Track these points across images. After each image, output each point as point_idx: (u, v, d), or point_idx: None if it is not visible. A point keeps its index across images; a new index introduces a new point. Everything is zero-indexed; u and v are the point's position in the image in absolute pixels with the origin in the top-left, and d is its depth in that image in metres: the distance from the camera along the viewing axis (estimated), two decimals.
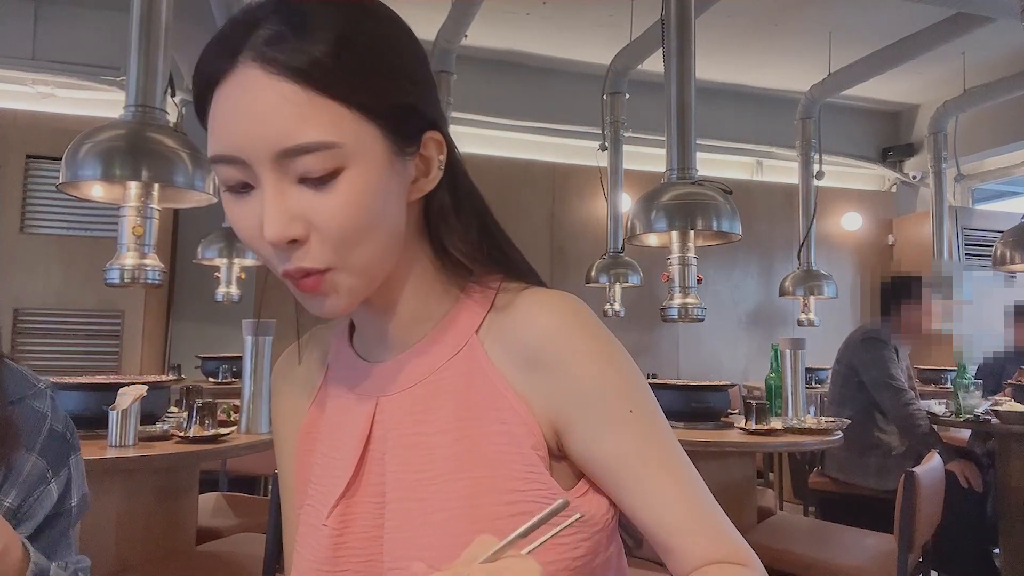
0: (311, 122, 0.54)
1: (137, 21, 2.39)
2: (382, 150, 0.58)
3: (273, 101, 0.54)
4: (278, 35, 0.55)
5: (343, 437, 0.68)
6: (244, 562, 2.09)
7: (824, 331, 5.43)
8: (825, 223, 6.17)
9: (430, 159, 0.63)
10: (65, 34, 4.78)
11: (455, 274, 0.67)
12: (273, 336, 2.48)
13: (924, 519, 2.13)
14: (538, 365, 0.62)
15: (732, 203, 2.76)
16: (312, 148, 0.54)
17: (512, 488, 0.60)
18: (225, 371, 4.08)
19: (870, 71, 5.14)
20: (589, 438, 0.62)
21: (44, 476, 0.80)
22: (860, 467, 3.19)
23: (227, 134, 0.56)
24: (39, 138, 4.49)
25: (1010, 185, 7.11)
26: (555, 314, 0.63)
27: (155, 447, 2.05)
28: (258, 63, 0.54)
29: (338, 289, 0.59)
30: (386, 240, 0.60)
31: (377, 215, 0.58)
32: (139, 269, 2.25)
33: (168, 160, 2.22)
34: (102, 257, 2.37)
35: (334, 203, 0.56)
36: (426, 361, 0.65)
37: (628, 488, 0.61)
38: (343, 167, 0.56)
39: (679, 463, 0.63)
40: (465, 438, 0.62)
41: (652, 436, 0.62)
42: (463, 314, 0.66)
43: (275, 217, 0.55)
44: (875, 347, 3.22)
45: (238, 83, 0.55)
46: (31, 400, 0.82)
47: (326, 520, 0.65)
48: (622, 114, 4.82)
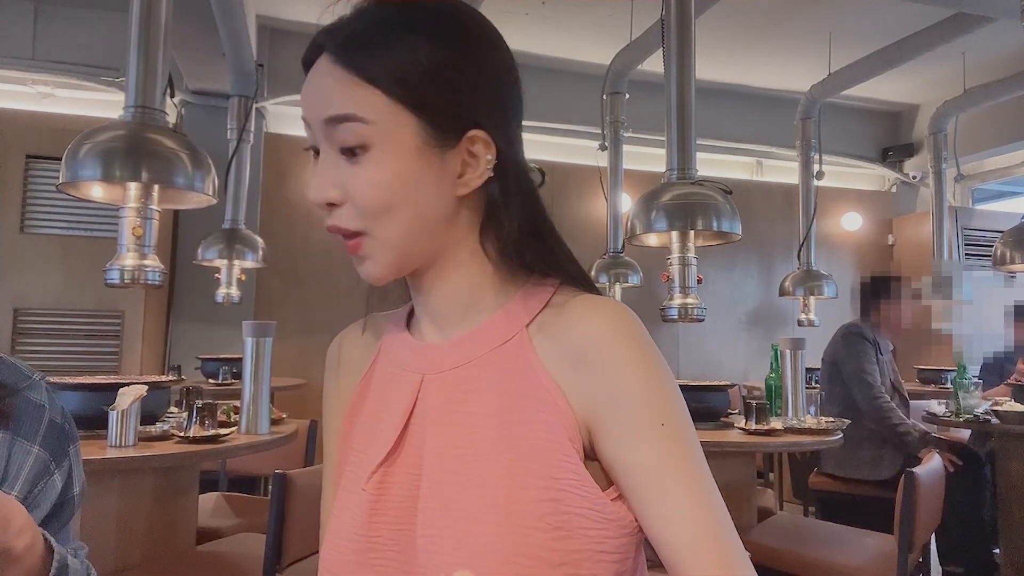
0: (349, 98, 0.64)
1: (136, 21, 2.39)
2: (413, 139, 0.65)
3: (329, 81, 0.66)
4: (351, 35, 0.66)
5: (387, 408, 0.72)
6: (244, 562, 2.09)
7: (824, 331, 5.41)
8: (825, 223, 6.16)
9: (478, 156, 0.67)
10: (65, 34, 4.78)
11: (514, 271, 0.71)
12: (273, 338, 2.48)
13: (924, 519, 2.13)
14: (583, 365, 0.65)
15: (732, 203, 2.76)
16: (343, 119, 0.64)
17: (548, 474, 0.62)
18: (225, 372, 4.08)
19: (870, 71, 5.14)
20: (618, 443, 0.63)
21: (47, 467, 0.80)
22: (854, 460, 3.22)
23: (304, 104, 0.69)
24: (39, 138, 4.49)
25: (1010, 185, 7.10)
26: (606, 320, 0.66)
27: (155, 447, 2.05)
28: (330, 54, 0.66)
29: (372, 256, 0.67)
30: (417, 223, 0.66)
31: (402, 197, 0.65)
32: (139, 270, 2.25)
33: (168, 161, 2.22)
34: (102, 257, 2.37)
35: (362, 177, 0.65)
36: (475, 346, 0.69)
37: (647, 499, 0.62)
38: (371, 145, 0.64)
39: (702, 484, 0.63)
40: (506, 421, 0.65)
41: (679, 452, 0.63)
42: (517, 308, 0.70)
43: (319, 182, 0.67)
44: (853, 341, 3.31)
45: (316, 68, 0.68)
46: (27, 392, 0.82)
47: (365, 485, 0.68)
48: (622, 114, 4.82)
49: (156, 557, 2.13)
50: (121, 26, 2.51)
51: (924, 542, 2.20)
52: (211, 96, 4.89)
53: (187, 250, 4.63)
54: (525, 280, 0.71)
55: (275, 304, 5.10)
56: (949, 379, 4.37)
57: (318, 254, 5.27)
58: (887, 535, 2.39)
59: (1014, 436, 3.11)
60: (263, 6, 4.93)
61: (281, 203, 5.26)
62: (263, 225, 5.06)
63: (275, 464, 2.32)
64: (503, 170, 0.69)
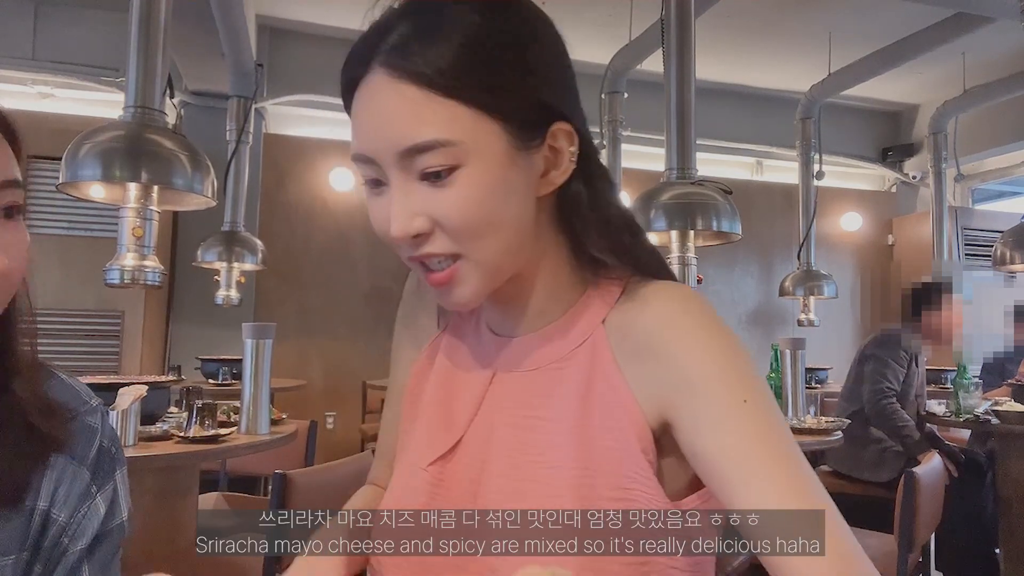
0: (428, 122, 0.57)
1: (136, 22, 2.39)
2: (502, 145, 0.59)
3: (394, 104, 0.58)
4: (403, 40, 0.58)
5: (455, 394, 0.70)
6: (244, 562, 2.09)
7: (824, 331, 5.43)
8: (825, 223, 6.16)
9: (560, 151, 0.63)
10: (65, 34, 4.78)
11: (587, 267, 0.67)
12: (273, 339, 2.48)
13: (924, 519, 2.13)
14: (650, 352, 0.61)
15: (732, 203, 2.76)
16: (428, 147, 0.57)
17: (619, 485, 0.60)
18: (225, 373, 4.08)
19: (870, 71, 5.14)
20: (698, 429, 0.59)
21: (89, 491, 0.78)
22: (857, 460, 3.24)
23: (360, 135, 0.60)
24: (39, 138, 4.47)
25: (1010, 185, 7.10)
26: (670, 302, 0.63)
27: (155, 447, 2.05)
28: (384, 68, 0.58)
29: (466, 279, 0.61)
30: (511, 234, 0.61)
31: (498, 210, 0.59)
32: (139, 270, 2.25)
33: (167, 162, 2.22)
34: (102, 257, 2.37)
35: (454, 199, 0.58)
36: (551, 348, 0.66)
37: (736, 487, 0.56)
38: (461, 164, 0.58)
39: (798, 461, 0.58)
40: (580, 428, 0.62)
41: (768, 428, 0.58)
42: (591, 305, 0.67)
43: (399, 215, 0.59)
44: (884, 345, 3.28)
45: (368, 88, 0.59)
46: (84, 416, 0.81)
47: (427, 466, 0.67)
48: (620, 113, 4.82)
49: (156, 557, 2.12)
50: (121, 26, 2.52)
51: (924, 542, 2.20)
52: (210, 97, 4.89)
53: (187, 252, 4.63)
54: (598, 271, 0.67)
55: (274, 305, 5.10)
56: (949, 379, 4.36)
57: (318, 256, 5.27)
58: (887, 535, 2.39)
59: (1014, 436, 3.10)
60: (263, 5, 4.92)
61: (280, 204, 5.25)
62: (262, 226, 5.06)
63: (275, 464, 2.32)
64: (584, 160, 0.65)
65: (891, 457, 3.20)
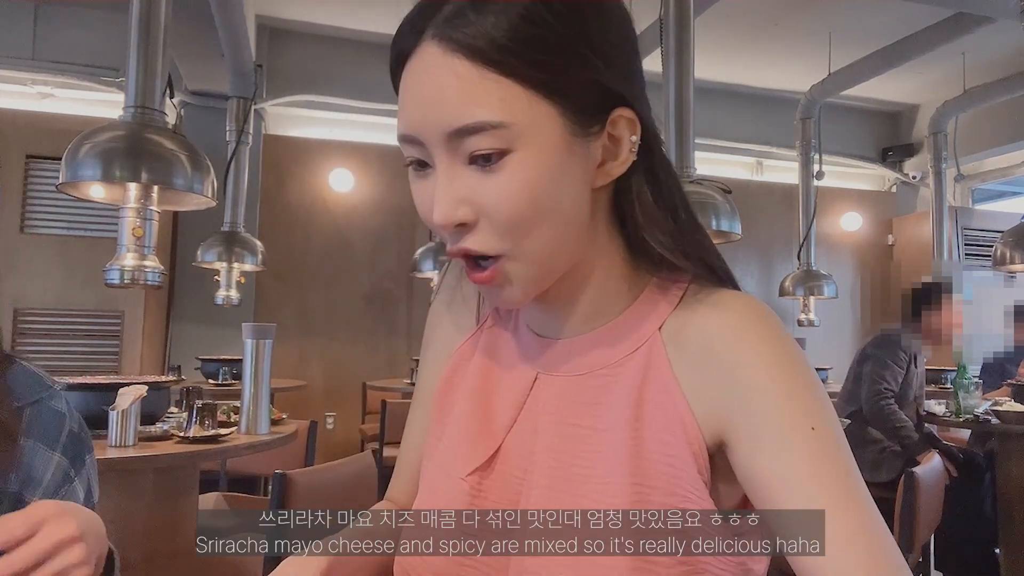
0: (480, 101, 0.52)
1: (136, 22, 2.39)
2: (559, 130, 0.54)
3: (445, 80, 0.53)
4: (459, 12, 0.53)
5: (495, 397, 0.66)
6: (244, 562, 2.09)
7: (824, 331, 5.43)
8: (825, 223, 6.17)
9: (620, 139, 0.58)
10: (65, 34, 4.78)
11: (644, 268, 0.62)
12: (273, 340, 2.48)
13: (924, 519, 2.13)
14: (710, 364, 0.57)
15: (732, 203, 2.76)
16: (479, 128, 0.52)
17: (674, 504, 0.55)
18: (225, 373, 4.08)
19: (870, 71, 5.14)
20: (759, 450, 0.54)
21: (68, 475, 0.80)
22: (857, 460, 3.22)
23: (406, 114, 0.56)
24: (39, 138, 4.49)
25: (1010, 185, 7.10)
26: (736, 314, 0.58)
27: (155, 447, 2.05)
28: (437, 41, 0.53)
29: (512, 280, 0.57)
30: (563, 229, 0.56)
31: (551, 202, 0.55)
32: (139, 270, 2.26)
33: (167, 162, 2.22)
34: (102, 257, 2.37)
35: (503, 187, 0.54)
36: (603, 352, 0.61)
37: (796, 515, 0.53)
38: (512, 148, 0.53)
39: (863, 497, 0.54)
40: (634, 440, 0.57)
41: (833, 460, 0.54)
42: (649, 308, 0.62)
43: (443, 200, 0.54)
44: (883, 346, 3.27)
45: (419, 61, 0.54)
46: (48, 401, 0.82)
47: (465, 476, 0.62)
48: None
49: (156, 557, 2.13)
50: (121, 26, 2.52)
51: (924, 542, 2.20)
52: (210, 97, 4.89)
53: (187, 252, 4.64)
54: (655, 272, 0.62)
55: (274, 306, 5.10)
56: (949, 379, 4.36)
57: (318, 257, 5.27)
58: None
59: (1014, 436, 3.10)
60: (262, 6, 4.92)
61: (280, 205, 5.26)
62: (262, 227, 5.06)
63: (275, 464, 2.32)
64: (647, 151, 0.59)
65: (890, 457, 3.20)
